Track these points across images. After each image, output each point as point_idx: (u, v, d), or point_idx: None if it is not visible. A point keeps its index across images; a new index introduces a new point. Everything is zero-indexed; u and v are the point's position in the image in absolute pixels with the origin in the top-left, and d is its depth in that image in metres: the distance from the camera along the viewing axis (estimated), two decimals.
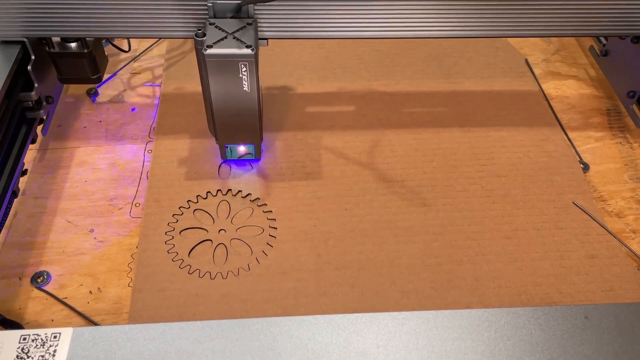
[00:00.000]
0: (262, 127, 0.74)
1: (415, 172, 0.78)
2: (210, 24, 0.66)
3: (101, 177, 0.77)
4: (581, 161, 0.82)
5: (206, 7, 0.67)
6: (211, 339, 0.49)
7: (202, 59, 0.65)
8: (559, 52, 1.00)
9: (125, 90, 0.89)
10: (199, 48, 0.64)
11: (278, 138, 0.82)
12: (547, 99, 0.90)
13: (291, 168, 0.78)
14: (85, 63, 0.76)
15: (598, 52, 0.92)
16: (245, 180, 0.76)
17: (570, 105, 0.90)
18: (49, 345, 0.48)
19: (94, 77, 0.78)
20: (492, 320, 0.51)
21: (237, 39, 0.64)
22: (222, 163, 0.78)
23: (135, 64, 0.94)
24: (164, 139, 0.81)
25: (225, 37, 0.65)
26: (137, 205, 0.74)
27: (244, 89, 0.66)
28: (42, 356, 0.48)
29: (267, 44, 0.71)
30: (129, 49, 0.91)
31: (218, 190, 0.75)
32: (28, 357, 0.48)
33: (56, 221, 0.72)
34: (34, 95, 0.73)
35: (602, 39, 0.91)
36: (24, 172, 0.75)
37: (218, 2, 0.66)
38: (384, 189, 0.76)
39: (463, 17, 0.70)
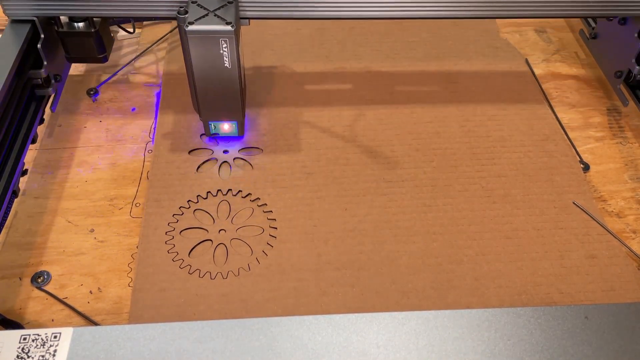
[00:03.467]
0: (244, 104, 0.76)
1: (415, 172, 0.78)
2: (192, 2, 0.69)
3: (101, 177, 0.77)
4: (581, 161, 0.82)
5: None
6: (211, 338, 0.49)
7: (184, 36, 0.67)
8: (559, 52, 1.00)
9: (125, 90, 0.89)
10: (181, 25, 0.67)
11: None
12: (547, 99, 0.90)
13: (291, 168, 0.78)
14: (92, 42, 0.79)
15: (588, 35, 0.94)
16: (245, 180, 0.76)
17: (571, 105, 0.90)
18: (49, 345, 0.48)
19: (101, 56, 0.81)
20: (492, 320, 0.51)
21: (218, 17, 0.67)
22: (205, 138, 0.80)
23: (135, 64, 0.94)
24: (164, 138, 0.81)
25: (207, 15, 0.67)
26: (138, 205, 0.74)
27: (225, 65, 0.69)
28: (43, 356, 0.48)
29: (249, 24, 0.74)
30: (134, 31, 0.93)
31: (218, 190, 0.75)
32: (28, 357, 0.48)
33: (56, 221, 0.72)
34: (43, 72, 0.76)
35: (592, 22, 0.93)
36: (24, 172, 0.75)
37: None
38: (384, 189, 0.76)
39: None
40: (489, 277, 0.68)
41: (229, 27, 0.66)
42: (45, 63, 0.76)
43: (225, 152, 0.80)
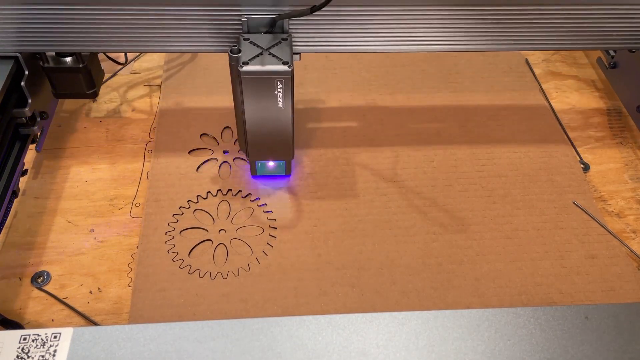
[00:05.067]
0: (294, 143, 0.72)
1: (416, 172, 0.78)
2: (244, 39, 0.64)
3: (101, 177, 0.77)
4: (581, 161, 0.82)
5: (240, 22, 0.66)
6: (211, 338, 0.49)
7: (237, 76, 0.63)
8: (559, 52, 1.00)
9: (125, 90, 0.89)
10: (233, 65, 0.63)
11: None
12: (547, 99, 0.90)
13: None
14: (81, 78, 0.74)
15: (606, 64, 0.90)
16: (245, 180, 0.76)
17: (571, 105, 0.90)
18: (49, 345, 0.48)
19: (90, 92, 0.76)
20: (492, 320, 0.51)
21: (273, 55, 0.63)
22: (251, 178, 0.77)
23: (135, 64, 0.94)
24: (164, 138, 0.81)
25: (261, 54, 0.63)
26: (138, 205, 0.74)
27: (279, 105, 0.65)
28: (43, 356, 0.48)
29: (300, 59, 0.69)
30: (126, 62, 0.87)
31: (218, 190, 0.75)
32: (28, 357, 0.48)
33: (56, 221, 0.72)
34: (27, 111, 0.71)
35: (611, 51, 0.89)
36: (24, 172, 0.75)
37: (252, 16, 0.65)
38: (384, 188, 0.76)
39: (478, 30, 0.69)
40: (489, 277, 0.68)
41: (285, 67, 0.62)
42: (29, 101, 0.70)
43: (225, 152, 0.80)
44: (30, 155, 0.78)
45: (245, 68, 0.62)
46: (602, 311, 0.51)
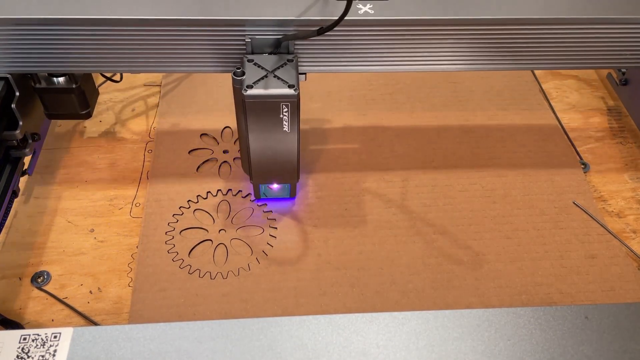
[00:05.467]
0: (299, 166, 0.69)
1: (416, 172, 0.78)
2: (248, 60, 0.62)
3: (101, 177, 0.77)
4: (581, 161, 0.82)
5: (244, 43, 0.63)
6: (211, 338, 0.49)
7: (240, 99, 0.61)
8: None
9: (125, 89, 0.89)
10: (237, 87, 0.61)
11: None
12: (547, 99, 0.90)
13: None
14: (74, 98, 0.71)
15: (617, 81, 0.88)
16: (245, 180, 0.76)
17: (571, 105, 0.90)
18: (49, 345, 0.48)
19: (83, 112, 0.73)
20: (492, 320, 0.51)
21: (278, 78, 0.60)
22: (251, 197, 0.75)
23: None
24: (164, 138, 0.81)
25: (266, 76, 0.60)
26: (138, 205, 0.74)
27: (284, 129, 0.62)
28: (43, 356, 0.48)
29: (305, 79, 0.66)
30: (121, 79, 0.83)
31: (218, 190, 0.75)
32: (28, 356, 0.48)
33: (56, 221, 0.72)
34: (18, 134, 0.67)
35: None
36: (24, 172, 0.74)
37: (257, 37, 0.62)
38: (384, 188, 0.76)
39: (486, 50, 0.68)
40: (489, 277, 0.68)
41: (291, 91, 0.59)
42: (20, 123, 0.67)
43: (225, 152, 0.80)
44: None
45: (250, 92, 0.59)
46: (602, 311, 0.51)
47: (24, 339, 0.49)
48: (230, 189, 0.75)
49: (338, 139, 0.82)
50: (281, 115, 0.61)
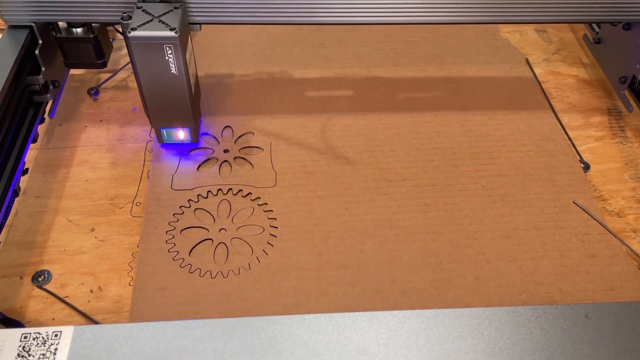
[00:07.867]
0: (197, 110, 0.74)
1: (416, 171, 0.78)
2: (137, 7, 0.68)
3: (102, 176, 0.77)
4: (581, 160, 0.82)
5: None
6: (212, 337, 0.49)
7: (128, 42, 0.66)
8: (560, 52, 1.00)
9: (126, 89, 0.89)
10: (125, 32, 0.66)
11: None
12: (547, 99, 0.90)
13: (292, 167, 0.78)
14: (91, 48, 0.78)
15: (591, 39, 0.94)
16: (245, 179, 0.76)
17: (571, 105, 0.90)
18: (50, 344, 0.48)
19: (99, 61, 0.80)
20: (492, 319, 0.51)
21: (162, 22, 0.66)
22: (157, 145, 0.79)
23: None
24: None
25: (151, 20, 0.66)
26: (138, 204, 0.74)
27: (172, 71, 0.68)
28: (43, 354, 0.48)
29: (200, 29, 0.73)
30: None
31: (219, 190, 0.75)
32: (29, 355, 0.48)
33: (57, 220, 0.72)
34: (41, 79, 0.75)
35: (595, 27, 0.93)
36: (25, 171, 0.75)
37: None
38: (385, 188, 0.76)
39: (453, 2, 0.70)
40: (489, 276, 0.68)
41: (172, 34, 0.65)
42: (43, 69, 0.75)
43: (226, 151, 0.80)
44: (31, 154, 0.78)
45: (133, 33, 0.65)
46: (602, 310, 0.51)
47: (25, 337, 0.49)
48: (231, 188, 0.75)
49: (338, 138, 0.82)
50: (166, 57, 0.67)
